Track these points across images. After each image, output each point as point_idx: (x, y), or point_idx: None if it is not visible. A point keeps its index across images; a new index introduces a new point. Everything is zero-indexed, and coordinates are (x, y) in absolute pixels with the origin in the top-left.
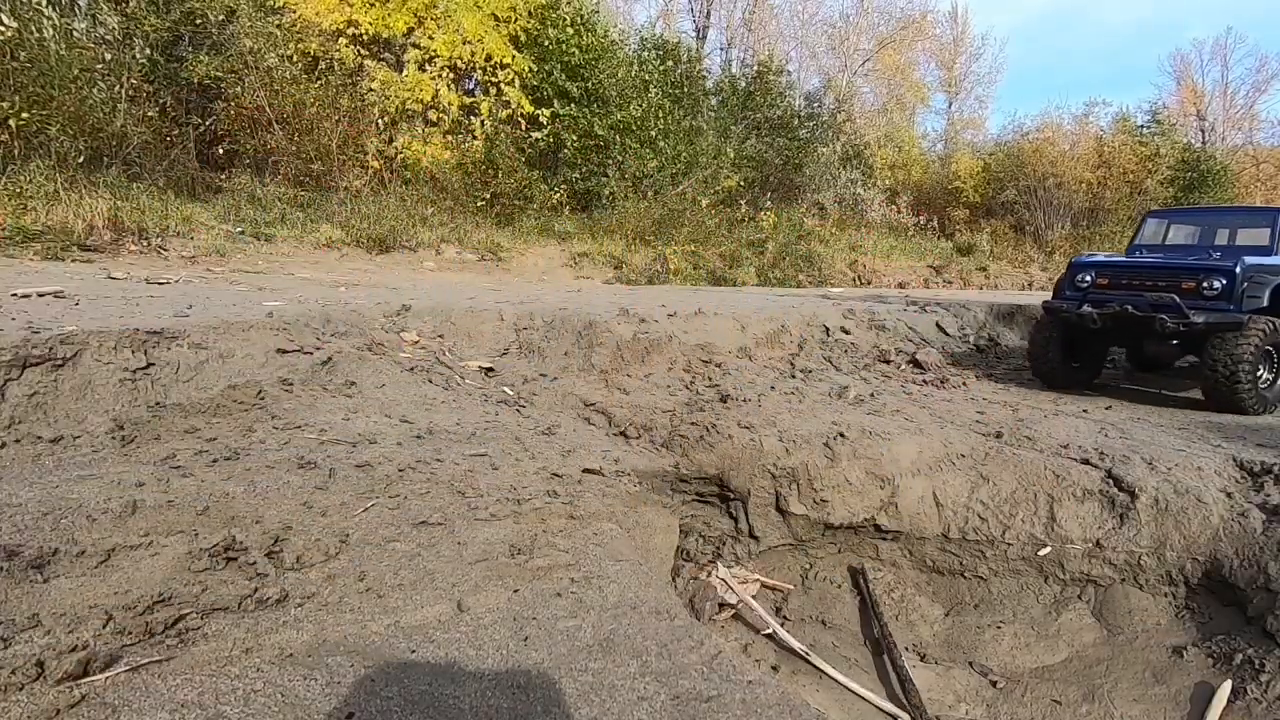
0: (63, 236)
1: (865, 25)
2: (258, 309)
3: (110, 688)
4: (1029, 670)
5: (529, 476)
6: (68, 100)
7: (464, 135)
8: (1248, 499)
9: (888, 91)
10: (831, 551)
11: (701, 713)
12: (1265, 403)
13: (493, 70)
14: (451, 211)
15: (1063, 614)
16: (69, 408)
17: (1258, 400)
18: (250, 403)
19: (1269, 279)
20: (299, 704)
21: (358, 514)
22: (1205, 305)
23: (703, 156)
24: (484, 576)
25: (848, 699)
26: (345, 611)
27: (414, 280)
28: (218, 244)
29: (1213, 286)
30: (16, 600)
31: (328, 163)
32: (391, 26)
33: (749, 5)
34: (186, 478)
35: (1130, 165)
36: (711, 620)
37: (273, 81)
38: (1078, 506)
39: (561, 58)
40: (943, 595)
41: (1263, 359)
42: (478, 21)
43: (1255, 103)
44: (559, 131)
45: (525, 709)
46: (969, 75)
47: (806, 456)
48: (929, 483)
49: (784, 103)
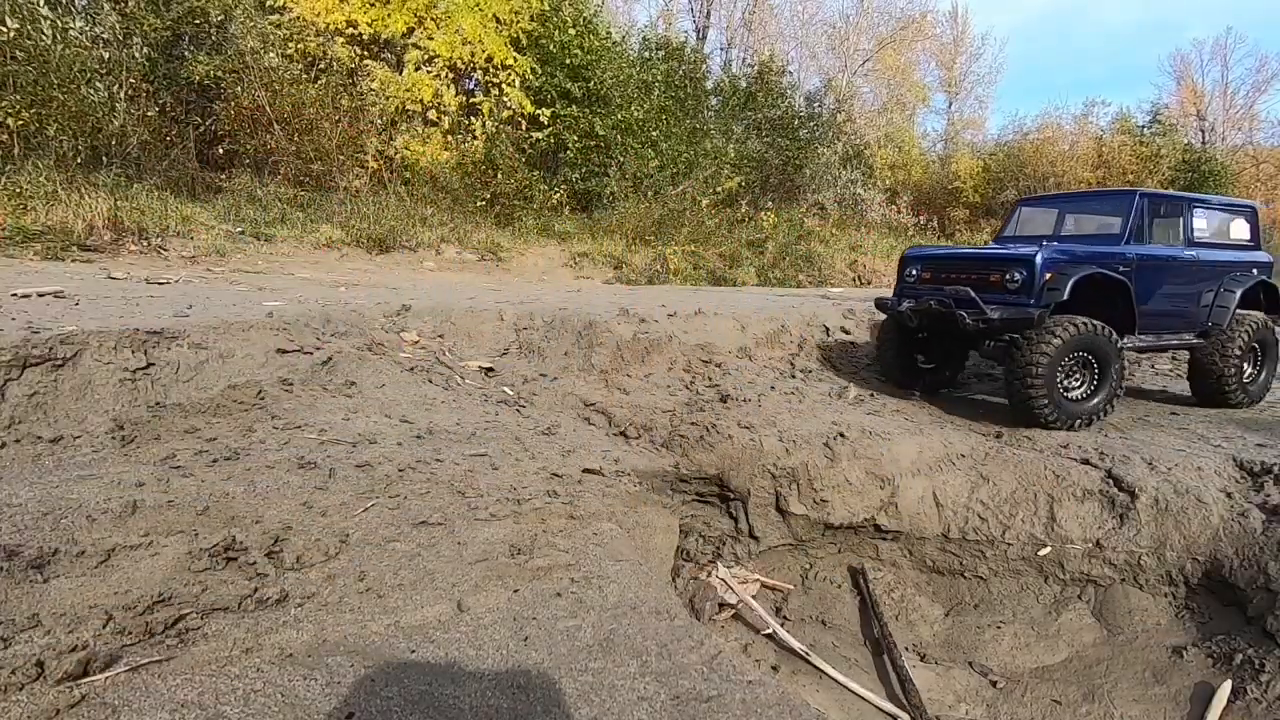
0: (63, 236)
1: (865, 25)
2: (258, 309)
3: (110, 688)
4: (1029, 670)
5: (529, 476)
6: (67, 100)
7: (464, 135)
8: (1248, 499)
9: (888, 91)
10: (831, 551)
11: (701, 713)
12: (1069, 416)
13: (494, 71)
14: (451, 211)
15: (1063, 614)
16: (69, 408)
17: (1056, 412)
18: (250, 403)
19: (1073, 270)
20: (299, 704)
21: (358, 514)
22: (1005, 300)
23: (703, 157)
24: (484, 576)
25: (848, 699)
26: (345, 611)
27: (414, 280)
28: (218, 244)
29: (1014, 279)
30: (16, 600)
31: (328, 163)
32: (391, 26)
33: (749, 5)
34: (186, 478)
35: (1130, 165)
36: (711, 620)
37: (272, 81)
38: (1078, 506)
39: (564, 59)
40: (943, 595)
41: (1076, 366)
42: (478, 23)
43: (1255, 103)
44: (560, 132)
45: (525, 709)
46: (969, 75)
47: (806, 456)
48: (929, 482)
49: (784, 103)
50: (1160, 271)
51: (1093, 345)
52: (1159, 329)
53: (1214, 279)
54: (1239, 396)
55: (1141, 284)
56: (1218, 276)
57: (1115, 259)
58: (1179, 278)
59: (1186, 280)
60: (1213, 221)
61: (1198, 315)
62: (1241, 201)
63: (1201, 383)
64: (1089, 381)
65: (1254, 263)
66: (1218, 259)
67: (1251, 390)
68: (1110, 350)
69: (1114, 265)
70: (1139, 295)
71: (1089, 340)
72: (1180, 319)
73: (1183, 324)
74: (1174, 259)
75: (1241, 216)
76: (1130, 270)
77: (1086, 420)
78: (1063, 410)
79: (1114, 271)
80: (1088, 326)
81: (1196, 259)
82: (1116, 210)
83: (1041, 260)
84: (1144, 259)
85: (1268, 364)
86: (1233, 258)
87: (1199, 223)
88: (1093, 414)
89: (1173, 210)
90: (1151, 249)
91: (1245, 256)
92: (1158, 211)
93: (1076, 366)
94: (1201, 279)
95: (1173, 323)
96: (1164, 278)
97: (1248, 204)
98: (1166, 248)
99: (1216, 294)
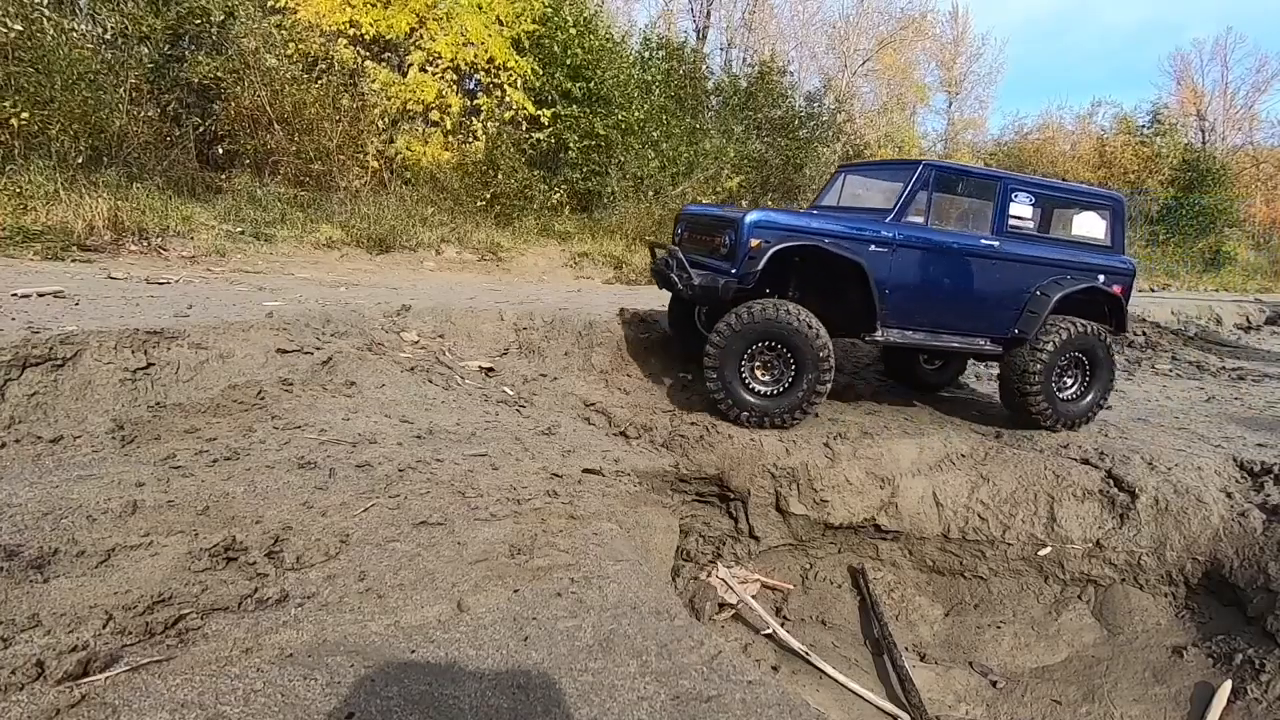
0: (63, 236)
1: (865, 25)
2: (258, 309)
3: (110, 688)
4: (1029, 670)
5: (529, 476)
6: (69, 100)
7: (464, 135)
8: (1248, 499)
9: (888, 91)
10: (831, 551)
11: (701, 713)
12: (753, 411)
13: (495, 72)
14: (451, 211)
15: (1063, 614)
16: (69, 408)
17: (735, 406)
18: (250, 403)
19: (775, 240)
20: (299, 704)
21: (358, 514)
22: (717, 266)
23: (704, 157)
24: (484, 576)
25: (848, 699)
26: (345, 611)
27: (414, 280)
28: (218, 244)
29: (725, 243)
30: (16, 600)
31: (328, 163)
32: (394, 27)
33: (749, 5)
34: (186, 478)
35: (1131, 165)
36: (711, 620)
37: (273, 81)
38: (1078, 506)
39: (564, 59)
40: (943, 595)
41: (766, 357)
42: (481, 24)
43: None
44: (561, 132)
45: (525, 709)
46: (969, 75)
47: (806, 456)
48: (929, 483)
49: (784, 103)
50: (933, 259)
51: (774, 332)
52: (927, 327)
53: (1027, 279)
54: (1049, 417)
55: (898, 271)
56: (1034, 277)
57: (867, 237)
58: (964, 270)
59: (980, 275)
60: (1043, 211)
61: (997, 318)
62: (1098, 192)
63: (1006, 396)
64: (781, 378)
65: (1099, 267)
66: (1039, 256)
67: (1069, 410)
68: (802, 343)
69: (862, 244)
70: (890, 283)
71: (772, 326)
72: (966, 319)
73: (971, 326)
74: (955, 247)
75: (1095, 210)
76: (886, 253)
77: (779, 419)
78: (741, 403)
79: (856, 251)
80: (775, 310)
81: (998, 251)
82: (899, 179)
83: (748, 224)
84: (906, 241)
85: (1097, 381)
86: (1067, 257)
87: (1018, 210)
88: (783, 412)
89: (976, 191)
90: (921, 231)
91: (1088, 258)
92: (950, 189)
93: (773, 359)
94: (1006, 277)
95: (952, 322)
96: (939, 268)
97: (1107, 196)
98: (950, 233)
99: (1029, 297)
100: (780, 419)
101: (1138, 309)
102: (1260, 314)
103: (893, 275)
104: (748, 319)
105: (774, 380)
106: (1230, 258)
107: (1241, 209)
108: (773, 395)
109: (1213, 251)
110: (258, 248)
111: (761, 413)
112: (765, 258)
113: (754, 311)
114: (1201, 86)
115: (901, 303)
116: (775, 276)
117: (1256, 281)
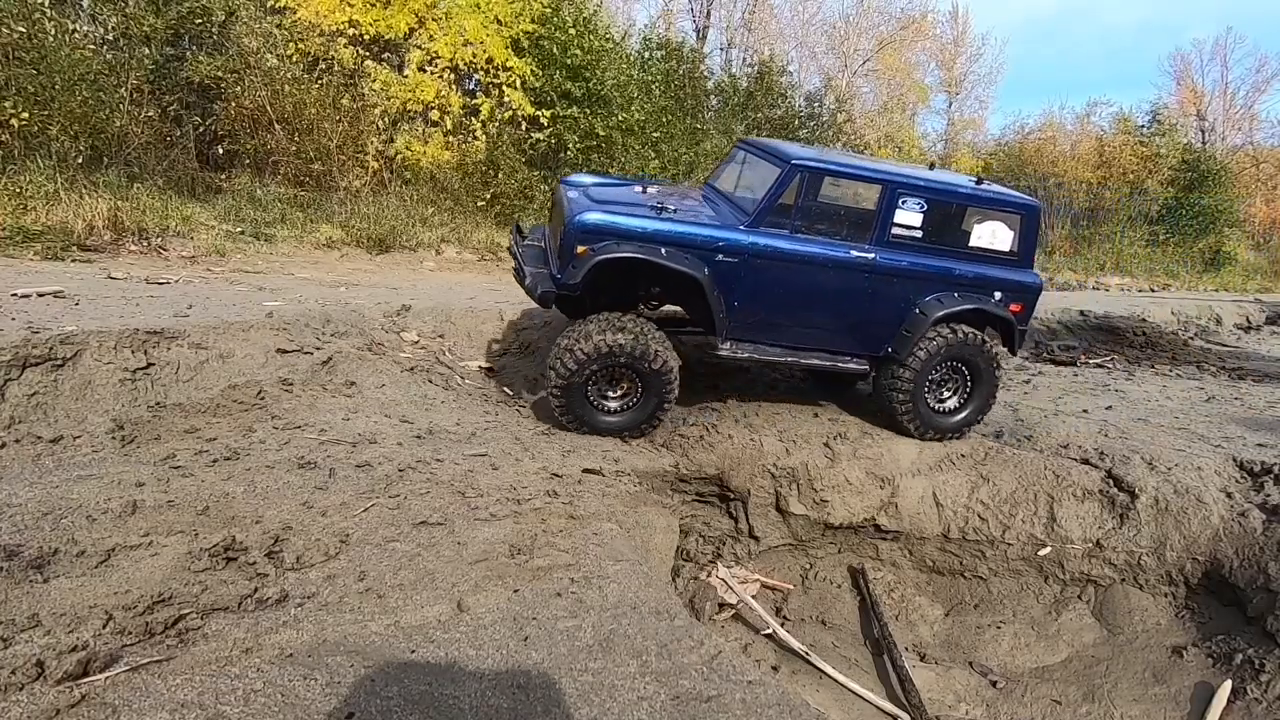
0: (63, 236)
1: (865, 25)
2: (258, 309)
3: (110, 688)
4: (1029, 670)
5: (529, 476)
6: (69, 101)
7: (464, 135)
8: (1248, 499)
9: (888, 91)
10: (831, 551)
11: (701, 713)
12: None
13: (494, 72)
14: (451, 211)
15: (1063, 614)
16: (69, 408)
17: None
18: (250, 403)
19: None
20: (299, 704)
21: (358, 514)
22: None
23: (704, 158)
24: (484, 576)
25: (848, 699)
26: (345, 611)
27: (414, 280)
28: (218, 244)
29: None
30: (16, 600)
31: (328, 163)
32: (394, 27)
33: (749, 5)
34: (186, 478)
35: (1131, 165)
36: (711, 620)
37: (273, 82)
38: (1078, 506)
39: (564, 59)
40: (943, 595)
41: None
42: (480, 24)
43: (1255, 103)
44: (561, 132)
45: (525, 709)
46: (969, 75)
47: (806, 456)
48: (929, 483)
49: (785, 103)
50: (793, 272)
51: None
52: (785, 343)
53: (908, 294)
54: (918, 429)
55: (749, 283)
56: (916, 292)
57: (715, 246)
58: (830, 285)
59: (849, 290)
60: (941, 217)
61: (869, 337)
62: (1008, 197)
63: (877, 399)
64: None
65: (997, 282)
66: (923, 269)
67: (942, 422)
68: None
69: (709, 253)
70: (740, 295)
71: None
72: (832, 337)
73: (837, 344)
74: (819, 259)
75: (1001, 218)
76: (736, 263)
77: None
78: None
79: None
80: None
81: (872, 264)
82: (764, 183)
83: (575, 226)
84: (760, 252)
85: (978, 393)
86: (959, 270)
87: (905, 217)
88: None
89: (857, 195)
90: (778, 240)
91: (986, 271)
92: (825, 192)
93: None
94: (882, 292)
95: (816, 339)
96: (800, 281)
97: (1017, 202)
98: (815, 242)
99: (909, 315)
100: (638, 432)
101: (1138, 309)
102: (1260, 314)
103: (743, 287)
104: (587, 349)
105: (623, 395)
106: (1230, 258)
107: (1241, 209)
108: (625, 410)
109: (1213, 251)
110: (258, 248)
111: (618, 429)
112: (586, 269)
113: (591, 336)
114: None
115: (753, 317)
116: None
117: (1256, 281)
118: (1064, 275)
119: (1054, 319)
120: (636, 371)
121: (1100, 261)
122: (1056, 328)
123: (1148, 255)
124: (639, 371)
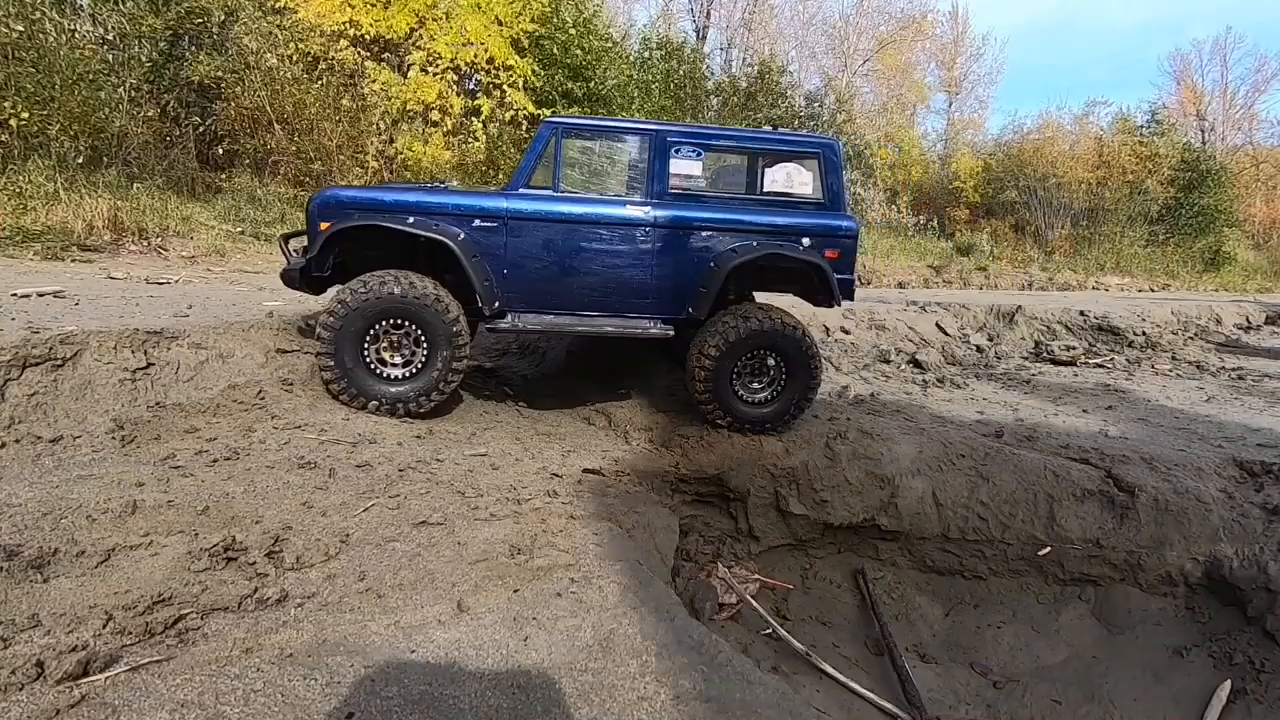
0: (63, 236)
1: (865, 25)
2: (258, 309)
3: (110, 688)
4: (1029, 670)
5: (529, 476)
6: (69, 101)
7: (464, 136)
8: (1248, 499)
9: (888, 91)
10: (831, 551)
11: (701, 713)
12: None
13: (495, 72)
14: None
15: (1063, 614)
16: (69, 408)
17: (362, 395)
18: (250, 403)
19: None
20: (299, 704)
21: (358, 514)
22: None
23: None
24: (484, 576)
25: (848, 699)
26: (345, 611)
27: None
28: (218, 244)
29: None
30: (16, 600)
31: (328, 163)
32: (394, 28)
33: (749, 5)
34: (186, 478)
35: (1130, 165)
36: (711, 620)
37: (273, 82)
38: (1078, 506)
39: (564, 59)
40: (943, 595)
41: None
42: (480, 24)
43: (1255, 103)
44: None
45: (525, 709)
46: (969, 75)
47: (806, 456)
48: (929, 483)
49: (785, 103)
50: (561, 232)
51: (398, 308)
52: (565, 310)
53: (698, 249)
54: (731, 425)
55: (514, 248)
56: (707, 246)
57: (467, 212)
58: (605, 243)
59: (627, 247)
60: (721, 167)
61: (662, 297)
62: (797, 137)
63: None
64: (413, 358)
65: (804, 229)
66: (709, 220)
67: (755, 414)
68: (431, 318)
69: (462, 219)
70: (506, 262)
71: (394, 302)
72: (619, 300)
73: (627, 307)
74: (588, 217)
75: (796, 159)
76: (495, 227)
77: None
78: (362, 390)
79: (449, 229)
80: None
81: (648, 219)
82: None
83: (314, 205)
84: (519, 214)
85: (793, 382)
86: (755, 220)
87: (682, 167)
88: (419, 396)
89: (622, 149)
90: (537, 202)
91: (790, 219)
92: (589, 148)
93: (401, 338)
94: (666, 247)
95: (601, 303)
96: (571, 242)
97: (810, 141)
98: (580, 199)
99: (699, 271)
100: (416, 404)
101: (1138, 309)
102: (1260, 314)
103: (511, 253)
104: (364, 294)
105: (405, 362)
106: (1230, 258)
107: (1241, 209)
108: (406, 379)
109: (1212, 251)
110: (258, 248)
111: (395, 400)
112: (322, 240)
113: (370, 286)
114: (1201, 86)
115: (528, 285)
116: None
117: (1256, 281)
118: (1064, 275)
119: (1054, 319)
120: (423, 324)
121: (1100, 261)
122: (1056, 328)
123: (1147, 255)
124: (426, 323)
